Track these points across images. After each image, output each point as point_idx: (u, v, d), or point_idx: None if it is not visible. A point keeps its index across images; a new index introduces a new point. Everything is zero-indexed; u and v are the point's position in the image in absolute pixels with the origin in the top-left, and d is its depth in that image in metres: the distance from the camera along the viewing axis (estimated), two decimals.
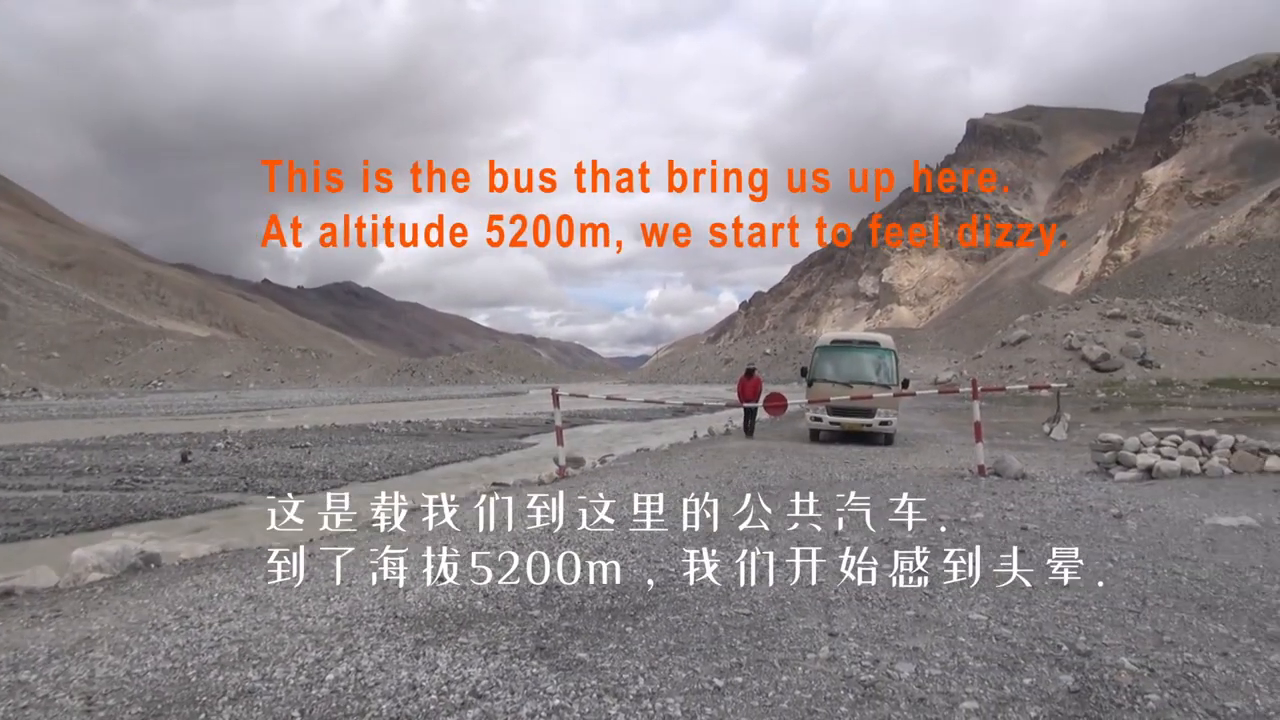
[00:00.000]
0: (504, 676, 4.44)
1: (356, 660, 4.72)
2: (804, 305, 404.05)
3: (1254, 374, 48.76)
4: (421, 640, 5.05)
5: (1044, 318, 63.90)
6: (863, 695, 4.15)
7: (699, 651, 4.78)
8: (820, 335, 22.09)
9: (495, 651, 4.83)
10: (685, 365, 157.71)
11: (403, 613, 5.64)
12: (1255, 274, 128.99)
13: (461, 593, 6.10)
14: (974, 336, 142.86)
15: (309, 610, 5.78)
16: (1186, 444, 12.61)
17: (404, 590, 6.20)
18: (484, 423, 36.99)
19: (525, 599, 5.91)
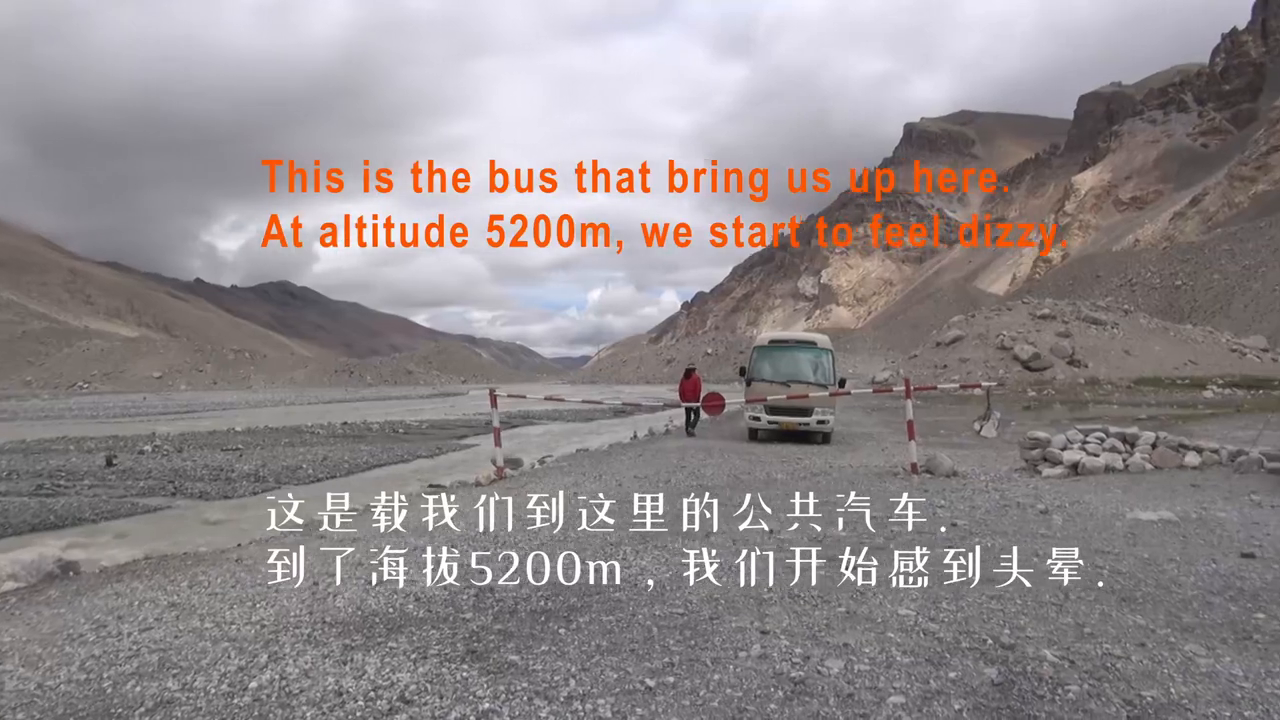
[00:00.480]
0: (433, 681, 4.38)
1: (281, 668, 4.61)
2: (745, 305, 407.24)
3: (1176, 373, 50.44)
4: (350, 646, 4.95)
5: (977, 318, 65.25)
6: (792, 692, 4.18)
7: (631, 652, 4.77)
8: (759, 335, 22.24)
9: (425, 656, 4.76)
10: (627, 365, 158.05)
11: (332, 618, 5.53)
12: (1178, 276, 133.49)
13: (393, 597, 6.01)
14: (910, 336, 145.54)
15: (234, 617, 5.64)
16: (1110, 441, 12.99)
17: (334, 595, 6.09)
18: (423, 424, 36.56)
19: (458, 602, 5.84)
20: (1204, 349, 58.97)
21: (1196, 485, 10.98)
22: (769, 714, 3.95)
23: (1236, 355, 58.49)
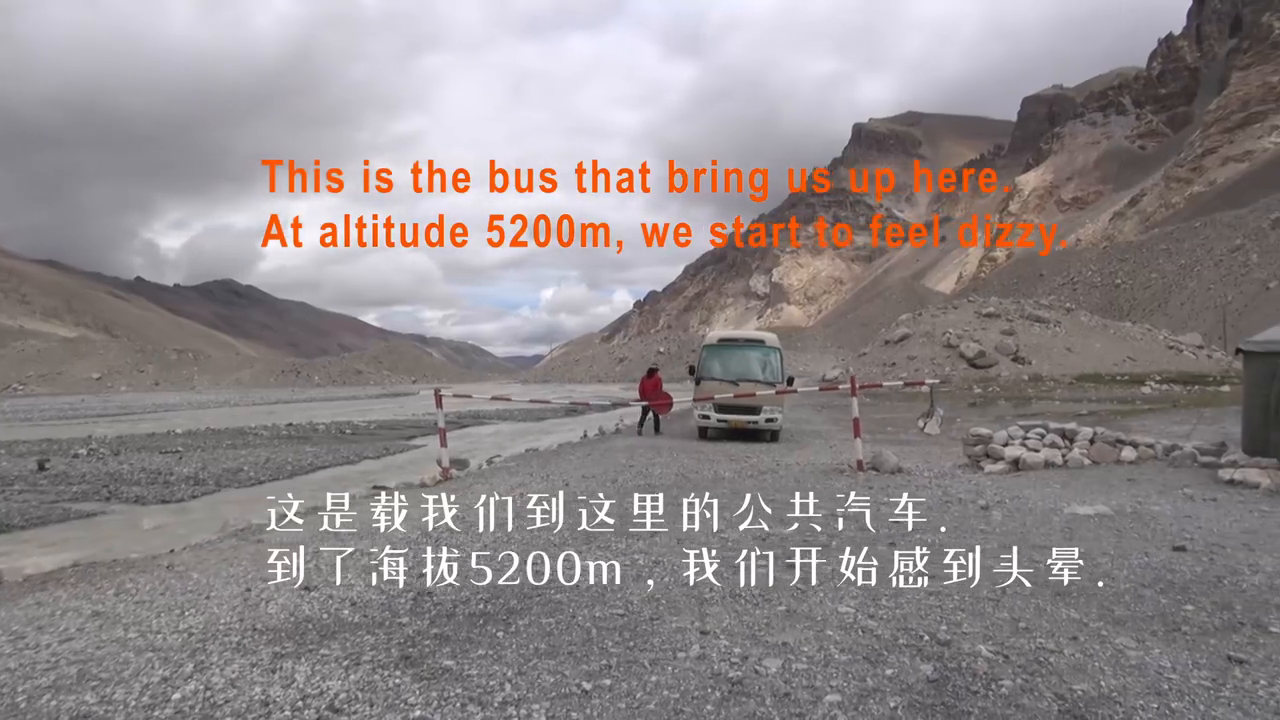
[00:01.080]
0: (364, 688, 4.28)
1: (207, 678, 4.47)
2: (697, 304, 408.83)
3: (1115, 369, 51.61)
4: (280, 654, 4.82)
5: (924, 316, 66.16)
6: (729, 693, 4.15)
7: (569, 654, 4.71)
8: (709, 334, 22.33)
9: (358, 663, 4.65)
10: (580, 364, 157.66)
11: (263, 625, 5.38)
12: (1117, 275, 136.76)
13: (329, 602, 5.87)
14: (860, 334, 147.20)
15: (160, 626, 5.46)
16: (1050, 437, 13.22)
17: (266, 601, 5.94)
18: (371, 425, 36.08)
19: (395, 606, 5.73)
20: (1142, 346, 60.45)
21: (1132, 480, 11.21)
22: (705, 715, 3.92)
23: (1173, 352, 60.03)
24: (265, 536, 8.66)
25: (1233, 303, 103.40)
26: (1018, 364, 52.87)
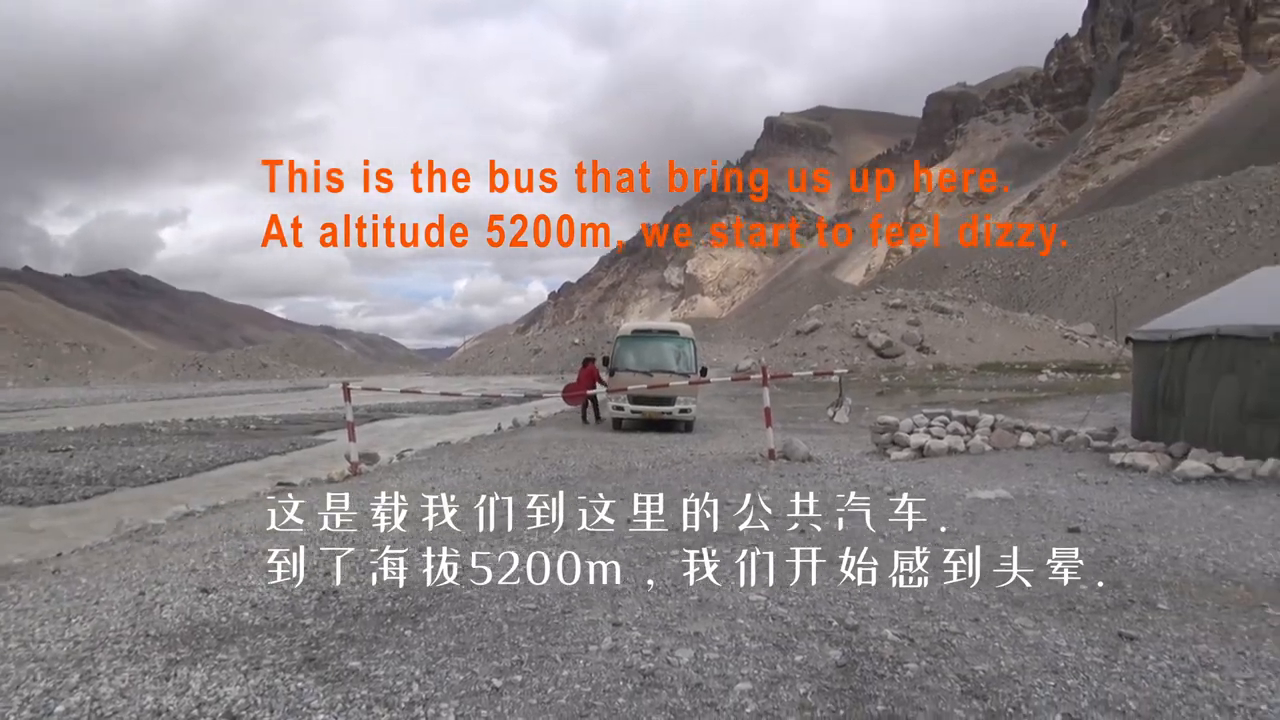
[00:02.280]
0: (265, 693, 4.12)
1: (94, 688, 4.24)
2: (612, 295, 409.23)
3: (1014, 358, 53.54)
4: (174, 660, 4.61)
5: (834, 307, 67.54)
6: (641, 684, 4.14)
7: (480, 651, 4.63)
8: (623, 325, 22.34)
9: (258, 667, 4.48)
10: (494, 356, 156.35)
11: (156, 630, 5.15)
12: (1016, 268, 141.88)
13: (228, 604, 5.65)
14: (772, 325, 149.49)
15: (44, 634, 5.17)
16: (953, 424, 13.62)
17: (160, 605, 5.68)
18: (276, 419, 35.05)
19: (298, 607, 5.55)
20: (1039, 336, 62.85)
21: (1030, 465, 11.62)
22: (617, 708, 3.89)
23: (1068, 341, 62.59)
24: (161, 538, 8.31)
25: (1123, 294, 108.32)
26: (923, 353, 54.39)
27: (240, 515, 9.48)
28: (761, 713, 3.84)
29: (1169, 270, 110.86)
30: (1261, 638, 4.66)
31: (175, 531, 8.60)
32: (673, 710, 3.86)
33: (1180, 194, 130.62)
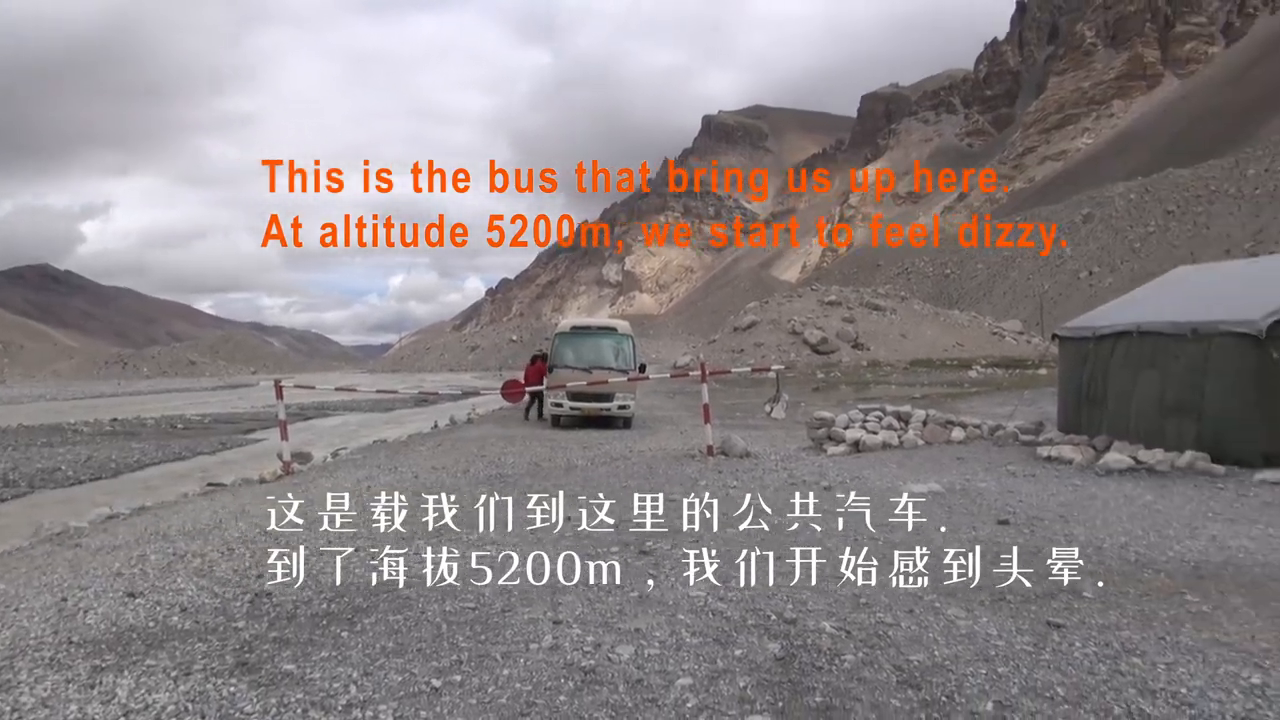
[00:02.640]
0: (196, 699, 4.02)
1: (14, 698, 4.09)
2: (550, 292, 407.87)
3: (946, 354, 54.76)
4: (100, 667, 4.47)
5: (771, 304, 68.28)
6: (582, 682, 4.13)
7: (418, 652, 4.58)
8: (561, 322, 22.30)
9: (189, 672, 4.36)
10: (431, 353, 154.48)
11: (80, 637, 4.98)
12: (947, 266, 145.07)
13: (155, 609, 5.50)
14: (710, 322, 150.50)
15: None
16: (888, 419, 13.88)
17: (85, 610, 5.50)
18: (205, 418, 34.20)
19: (230, 610, 5.42)
20: (969, 332, 64.36)
21: (961, 459, 11.89)
22: (558, 706, 3.88)
23: (997, 338, 64.19)
24: (84, 541, 8.05)
25: (1049, 292, 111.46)
26: (857, 350, 55.25)
27: (168, 517, 9.23)
28: (702, 707, 3.86)
29: (1092, 269, 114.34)
30: (1181, 623, 4.84)
31: (99, 534, 8.34)
32: (614, 707, 3.87)
33: (1103, 194, 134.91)
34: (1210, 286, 12.77)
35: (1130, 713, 3.73)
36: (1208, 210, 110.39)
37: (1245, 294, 11.11)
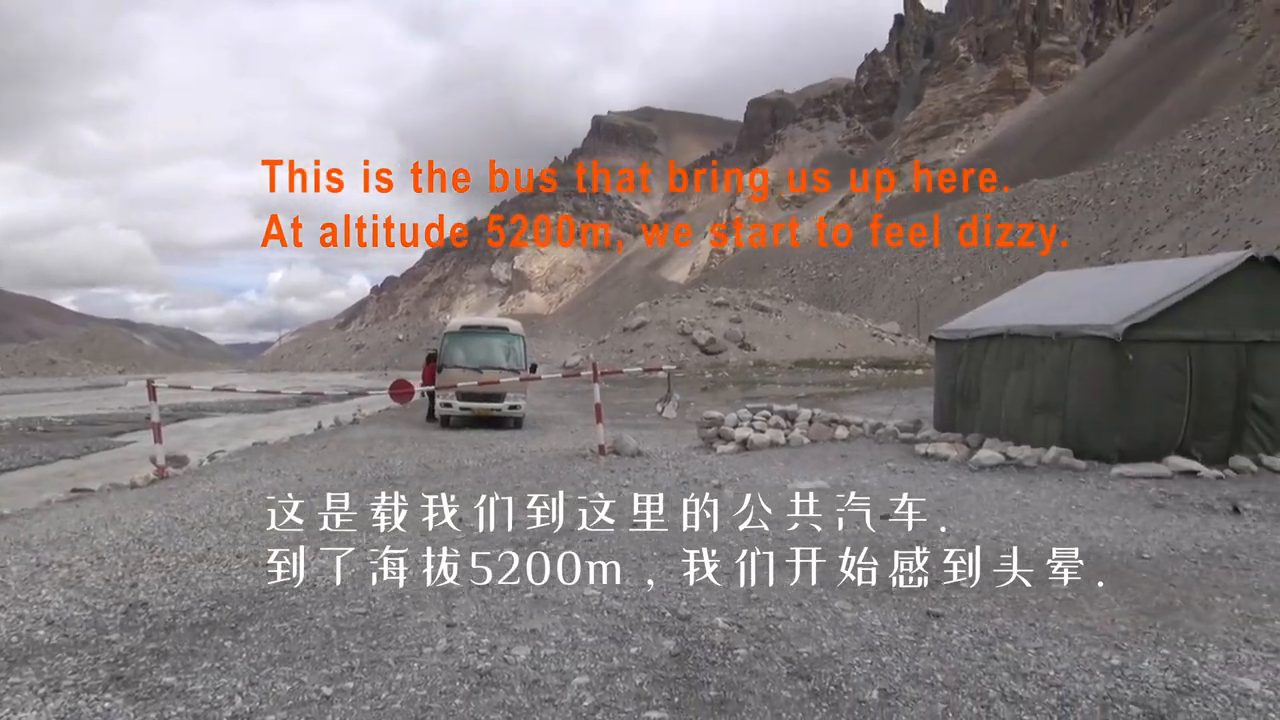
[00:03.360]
0: (67, 716, 3.82)
1: None
2: (438, 291, 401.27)
3: (829, 355, 56.41)
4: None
5: (660, 305, 68.97)
6: (479, 684, 4.11)
7: (307, 659, 4.46)
8: (451, 321, 21.98)
9: (58, 688, 4.14)
10: (313, 352, 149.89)
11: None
12: (830, 269, 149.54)
13: (18, 622, 5.18)
14: (600, 322, 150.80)
15: None
16: (775, 418, 14.21)
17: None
18: (68, 420, 32.28)
19: (102, 622, 5.16)
20: (851, 334, 66.43)
21: (845, 456, 12.28)
22: (454, 710, 3.85)
23: (876, 339, 66.46)
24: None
25: (925, 295, 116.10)
26: (745, 350, 56.33)
27: (29, 525, 8.70)
28: (599, 705, 3.89)
29: (965, 273, 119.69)
30: (1048, 610, 5.13)
31: None
32: (511, 708, 3.86)
33: (974, 203, 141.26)
34: (1073, 292, 13.54)
35: (1004, 695, 3.94)
36: (1069, 220, 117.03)
37: (1103, 300, 11.83)
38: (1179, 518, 7.86)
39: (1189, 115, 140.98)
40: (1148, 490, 9.22)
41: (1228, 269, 10.88)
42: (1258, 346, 10.73)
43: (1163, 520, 7.74)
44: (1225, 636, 4.67)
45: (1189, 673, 4.15)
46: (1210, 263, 11.62)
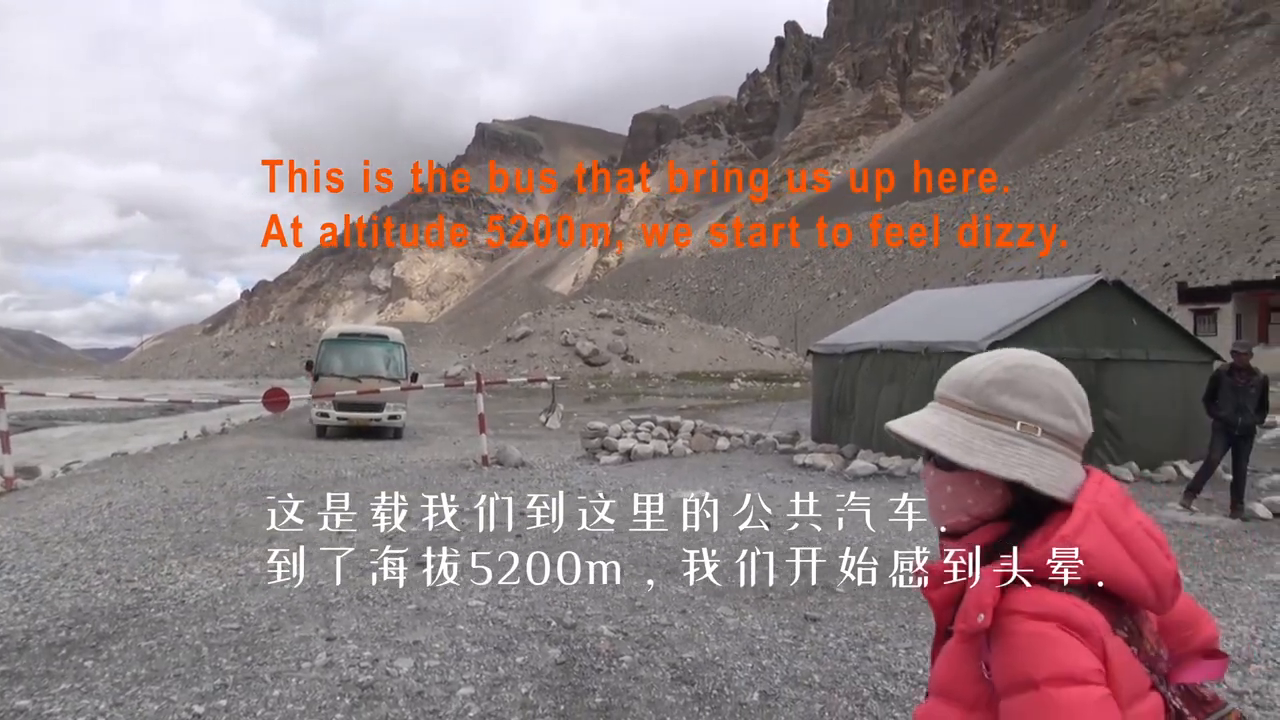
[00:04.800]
0: None
1: None
2: (313, 296, 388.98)
3: (710, 367, 57.32)
4: None
5: (544, 315, 68.72)
6: (360, 698, 4.03)
7: (176, 677, 4.28)
8: (328, 328, 21.39)
9: None
10: (178, 358, 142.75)
11: None
12: (712, 283, 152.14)
13: None
14: (482, 331, 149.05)
15: None
16: (658, 429, 14.38)
17: None
18: None
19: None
20: (732, 347, 67.75)
21: (726, 466, 12.53)
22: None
23: (756, 353, 67.98)
24: None
25: (802, 310, 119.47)
26: (628, 362, 56.69)
27: None
28: (484, 715, 3.88)
29: (840, 290, 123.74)
30: (917, 612, 5.38)
31: None
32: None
33: (850, 222, 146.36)
34: (940, 310, 14.21)
35: (877, 694, 4.12)
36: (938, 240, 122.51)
37: (969, 318, 12.48)
38: None
39: (1046, 145, 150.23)
40: None
41: (1080, 291, 11.65)
42: (1106, 364, 11.51)
43: None
44: None
45: None
46: (1064, 285, 12.40)
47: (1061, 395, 1.31)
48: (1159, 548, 1.23)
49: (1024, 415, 1.29)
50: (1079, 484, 1.27)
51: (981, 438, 1.30)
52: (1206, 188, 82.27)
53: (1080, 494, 1.25)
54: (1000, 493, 1.29)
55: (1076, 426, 1.31)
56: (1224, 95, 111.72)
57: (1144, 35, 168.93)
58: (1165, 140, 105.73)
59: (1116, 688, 1.13)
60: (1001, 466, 1.26)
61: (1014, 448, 1.27)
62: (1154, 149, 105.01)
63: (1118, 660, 1.15)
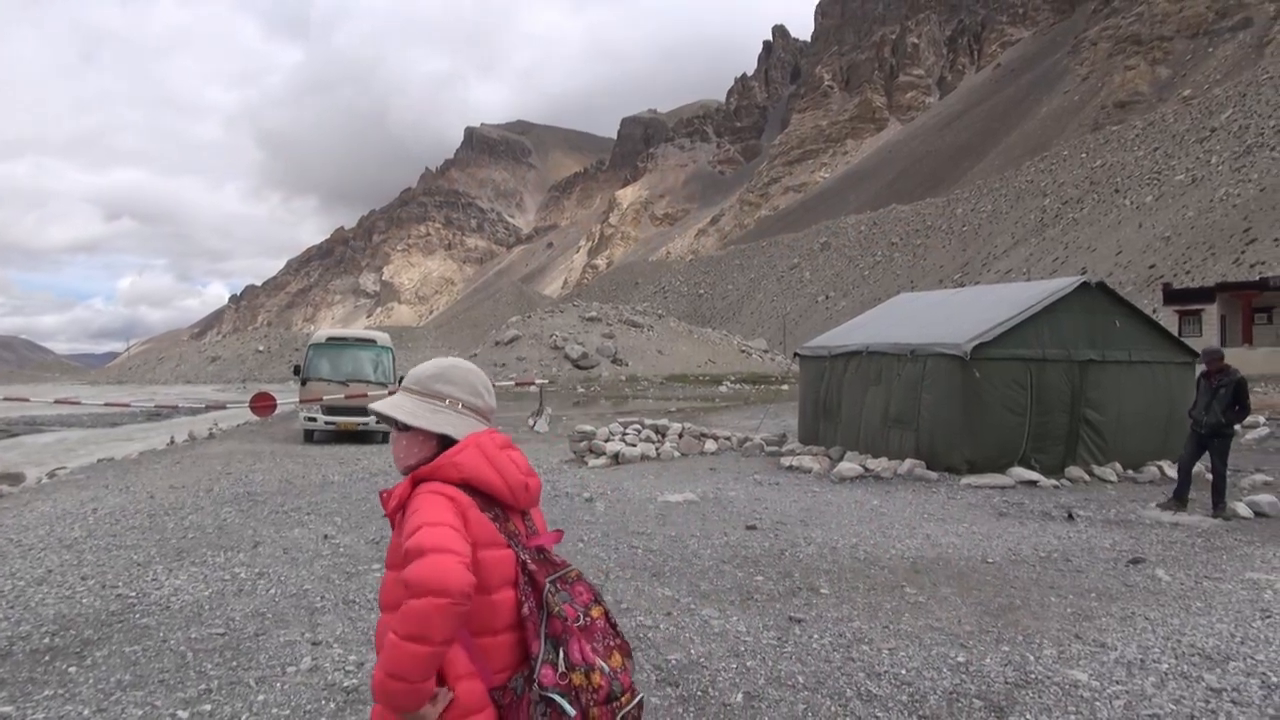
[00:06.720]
0: None
1: None
2: (302, 301, 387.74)
3: (699, 370, 57.39)
4: None
5: (533, 319, 68.70)
6: (345, 702, 4.04)
7: (161, 683, 4.28)
8: (316, 333, 21.34)
9: None
10: (165, 363, 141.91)
11: None
12: (700, 285, 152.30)
13: None
14: (471, 335, 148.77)
15: None
16: (646, 432, 14.42)
17: None
18: None
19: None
20: (720, 349, 67.82)
21: (714, 469, 12.56)
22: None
23: (745, 355, 68.06)
24: None
25: (791, 313, 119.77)
26: (617, 365, 56.71)
27: None
28: None
29: (828, 293, 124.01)
30: (901, 613, 5.42)
31: None
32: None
33: (838, 225, 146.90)
34: (926, 312, 14.28)
35: (860, 694, 4.15)
36: (925, 243, 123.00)
37: (954, 320, 12.54)
38: (1020, 524, 8.40)
39: (1032, 149, 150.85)
40: (993, 499, 9.81)
41: (1064, 293, 11.73)
42: (1089, 365, 11.59)
43: (1006, 527, 8.25)
44: (1059, 633, 5.03)
45: (1026, 667, 4.47)
46: (1049, 287, 12.47)
47: (472, 383, 2.03)
48: (518, 468, 1.92)
49: (450, 395, 1.98)
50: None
51: (424, 409, 1.96)
52: (1191, 190, 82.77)
53: (471, 437, 1.91)
54: (435, 444, 1.94)
55: (483, 402, 2.02)
56: (1208, 98, 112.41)
57: (1128, 39, 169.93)
58: (1150, 143, 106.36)
59: (473, 534, 1.76)
60: (434, 426, 1.93)
61: (443, 415, 1.95)
62: (1139, 152, 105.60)
63: (474, 519, 1.79)
